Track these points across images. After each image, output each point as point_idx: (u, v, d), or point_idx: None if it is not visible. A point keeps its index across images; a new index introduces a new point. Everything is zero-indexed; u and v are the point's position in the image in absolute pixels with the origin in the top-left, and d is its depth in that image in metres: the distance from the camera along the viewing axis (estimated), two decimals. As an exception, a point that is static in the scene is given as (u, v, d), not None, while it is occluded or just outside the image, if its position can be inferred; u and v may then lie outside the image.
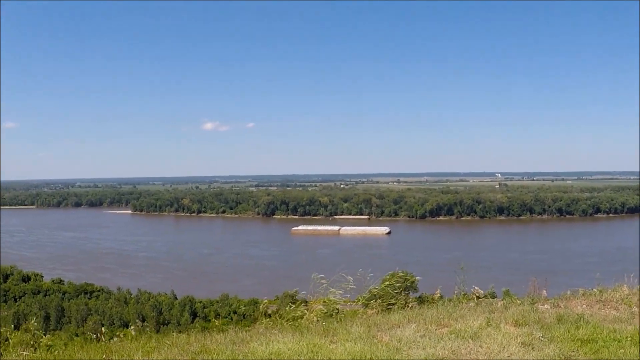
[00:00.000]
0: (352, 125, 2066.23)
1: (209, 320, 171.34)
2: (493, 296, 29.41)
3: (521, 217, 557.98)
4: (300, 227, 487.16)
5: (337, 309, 24.29)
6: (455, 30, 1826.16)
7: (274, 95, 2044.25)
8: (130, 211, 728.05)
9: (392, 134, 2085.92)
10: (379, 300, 26.56)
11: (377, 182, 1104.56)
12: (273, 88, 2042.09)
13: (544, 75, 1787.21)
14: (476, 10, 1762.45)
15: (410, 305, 25.93)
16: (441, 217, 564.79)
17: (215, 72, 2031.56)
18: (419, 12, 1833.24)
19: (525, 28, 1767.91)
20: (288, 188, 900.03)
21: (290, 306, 24.13)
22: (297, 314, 23.56)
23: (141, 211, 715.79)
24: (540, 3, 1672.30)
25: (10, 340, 24.42)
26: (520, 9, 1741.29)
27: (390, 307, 25.36)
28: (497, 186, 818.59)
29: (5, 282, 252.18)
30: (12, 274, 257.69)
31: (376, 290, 27.09)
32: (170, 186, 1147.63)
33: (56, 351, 20.11)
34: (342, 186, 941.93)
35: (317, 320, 21.99)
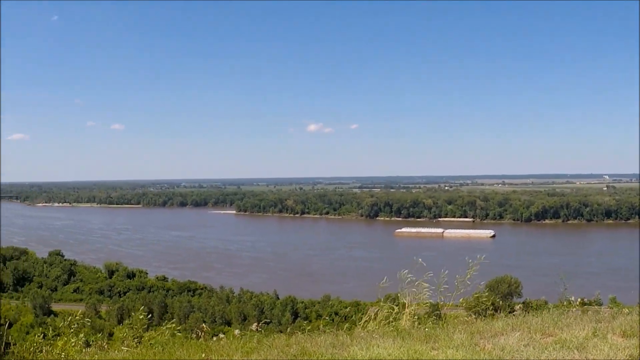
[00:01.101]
0: (456, 126, 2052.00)
1: (310, 321, 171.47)
2: (599, 304, 28.64)
3: (629, 221, 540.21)
4: (403, 229, 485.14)
5: (439, 314, 23.90)
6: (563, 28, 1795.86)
7: (378, 96, 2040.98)
8: (234, 211, 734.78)
9: (497, 135, 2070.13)
10: (482, 306, 26.04)
11: (482, 184, 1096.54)
12: (377, 89, 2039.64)
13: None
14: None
15: (514, 312, 25.36)
16: (547, 221, 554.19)
17: (320, 73, 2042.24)
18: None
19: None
20: (392, 190, 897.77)
21: (392, 310, 23.79)
22: (397, 318, 23.22)
23: (245, 211, 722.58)
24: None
25: (114, 335, 24.71)
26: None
27: (494, 313, 24.85)
28: (605, 188, 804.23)
29: (110, 277, 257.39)
30: (118, 271, 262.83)
31: (480, 295, 26.56)
32: (274, 187, 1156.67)
33: (157, 347, 20.16)
34: (446, 188, 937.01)
35: (419, 325, 21.62)
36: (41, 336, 20.95)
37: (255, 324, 23.20)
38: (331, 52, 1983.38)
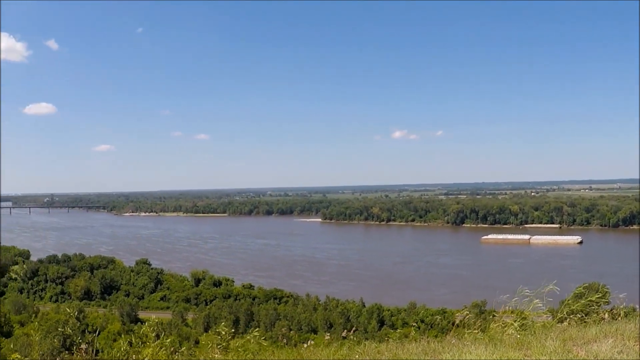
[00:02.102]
0: (542, 131, 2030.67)
1: (396, 328, 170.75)
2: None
3: None
4: (490, 236, 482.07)
5: (530, 321, 23.45)
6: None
7: (463, 102, 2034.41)
8: (320, 219, 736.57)
9: (583, 139, 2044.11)
10: (573, 313, 25.56)
11: (569, 190, 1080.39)
12: (462, 94, 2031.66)
13: None
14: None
15: (606, 319, 24.83)
16: (635, 226, 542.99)
17: (405, 79, 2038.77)
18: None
19: None
20: (477, 196, 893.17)
21: (480, 316, 23.47)
22: (488, 325, 22.86)
23: (331, 219, 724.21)
24: None
25: (200, 342, 24.89)
26: None
27: (586, 320, 24.36)
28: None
29: (197, 286, 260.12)
30: (204, 279, 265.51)
31: (570, 302, 26.06)
32: (360, 194, 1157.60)
33: (248, 354, 20.18)
34: (532, 194, 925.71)
35: (510, 333, 21.24)
36: (127, 344, 21.12)
37: (345, 331, 23.05)
38: (416, 59, 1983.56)
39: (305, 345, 20.01)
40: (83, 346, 20.48)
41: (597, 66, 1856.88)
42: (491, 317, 23.79)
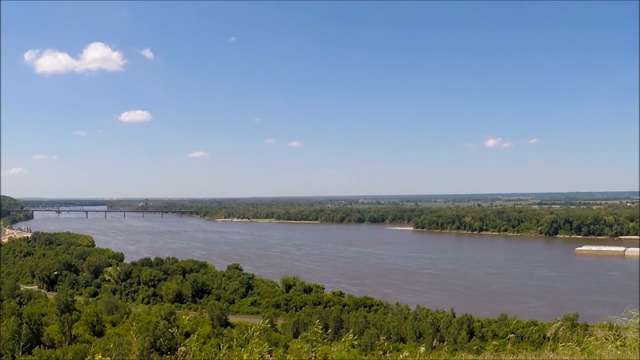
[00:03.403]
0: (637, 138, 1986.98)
1: (486, 340, 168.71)
2: None
3: None
4: (583, 248, 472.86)
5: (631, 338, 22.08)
6: None
7: (558, 110, 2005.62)
8: (411, 228, 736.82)
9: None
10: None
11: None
12: (557, 101, 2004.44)
13: None
14: None
15: None
16: None
17: (498, 86, 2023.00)
18: None
19: None
20: (572, 206, 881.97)
21: (573, 330, 22.17)
22: (581, 339, 21.57)
23: (423, 228, 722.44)
24: None
25: (289, 347, 24.55)
26: None
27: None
28: None
29: (287, 292, 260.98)
30: (295, 285, 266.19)
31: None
32: (452, 203, 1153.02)
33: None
34: (628, 204, 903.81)
35: (610, 349, 19.93)
36: (216, 346, 20.78)
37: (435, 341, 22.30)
38: (509, 65, 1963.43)
39: (400, 356, 19.61)
40: (182, 348, 20.42)
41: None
42: (585, 331, 22.49)
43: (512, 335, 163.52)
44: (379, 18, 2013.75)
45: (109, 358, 20.14)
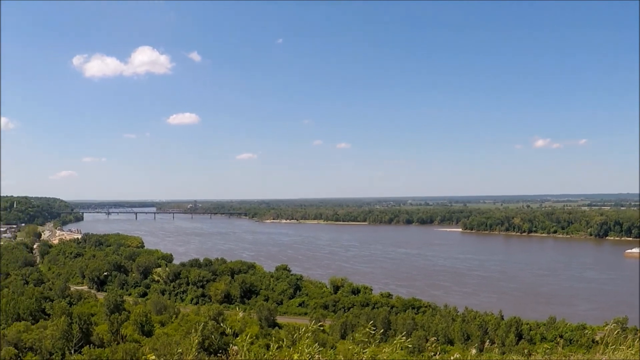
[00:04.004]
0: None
1: (534, 343, 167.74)
2: None
3: None
4: (634, 250, 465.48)
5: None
6: None
7: (608, 109, 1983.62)
8: (460, 229, 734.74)
9: None
10: None
11: None
12: (606, 101, 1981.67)
13: None
14: None
15: None
16: None
17: (548, 87, 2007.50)
18: None
19: None
20: (622, 208, 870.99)
21: (622, 334, 21.86)
22: (633, 344, 21.28)
23: (471, 229, 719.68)
24: None
25: (336, 349, 24.19)
26: None
27: None
28: None
29: (335, 293, 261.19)
30: (343, 286, 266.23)
31: None
32: (501, 204, 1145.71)
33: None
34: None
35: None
36: (265, 347, 20.79)
37: (482, 343, 22.19)
38: (560, 65, 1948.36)
39: (452, 358, 19.42)
40: (234, 347, 20.38)
41: None
42: (634, 335, 22.21)
43: (560, 339, 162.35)
44: (426, 18, 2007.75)
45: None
